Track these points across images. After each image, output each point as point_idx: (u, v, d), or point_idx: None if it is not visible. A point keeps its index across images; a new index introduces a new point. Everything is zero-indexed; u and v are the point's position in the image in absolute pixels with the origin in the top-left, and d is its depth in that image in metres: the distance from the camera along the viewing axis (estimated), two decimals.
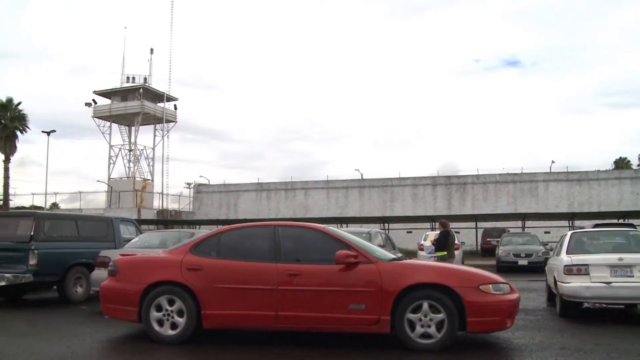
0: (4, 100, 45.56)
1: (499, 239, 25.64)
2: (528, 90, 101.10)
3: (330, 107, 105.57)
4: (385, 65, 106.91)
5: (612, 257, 8.64)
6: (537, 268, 19.74)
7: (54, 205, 53.55)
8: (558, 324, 8.56)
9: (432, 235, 15.77)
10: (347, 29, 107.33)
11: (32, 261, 10.83)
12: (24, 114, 46.20)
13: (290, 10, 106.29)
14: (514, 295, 6.77)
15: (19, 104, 46.04)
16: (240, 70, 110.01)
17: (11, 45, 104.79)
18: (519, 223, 34.05)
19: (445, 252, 14.16)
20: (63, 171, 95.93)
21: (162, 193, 53.09)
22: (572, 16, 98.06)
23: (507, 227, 34.21)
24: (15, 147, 46.34)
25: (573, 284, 8.58)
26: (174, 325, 6.95)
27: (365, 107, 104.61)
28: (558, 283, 9.00)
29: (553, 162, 44.76)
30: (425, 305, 6.41)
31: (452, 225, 33.45)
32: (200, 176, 58.50)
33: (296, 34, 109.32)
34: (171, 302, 6.96)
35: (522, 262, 20.88)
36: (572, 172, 43.59)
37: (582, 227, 13.26)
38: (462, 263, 18.77)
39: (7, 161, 46.27)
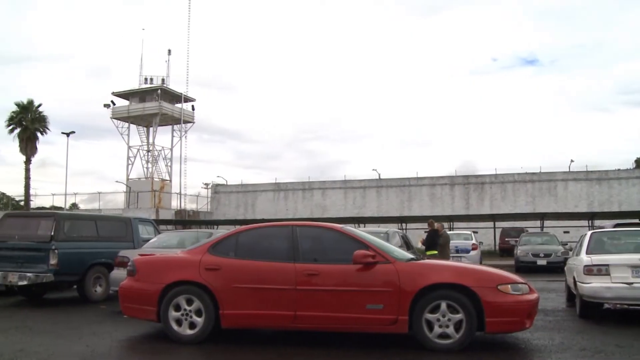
0: (24, 102, 46.10)
1: (517, 239, 25.43)
2: (546, 88, 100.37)
3: (348, 107, 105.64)
4: (402, 64, 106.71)
5: (634, 257, 8.51)
6: (556, 268, 19.53)
7: (74, 206, 54.12)
8: (578, 325, 8.46)
9: (424, 235, 15.82)
10: (364, 28, 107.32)
11: (53, 261, 10.95)
12: (44, 116, 46.73)
13: (307, 10, 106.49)
14: (533, 296, 6.71)
15: (39, 105, 46.61)
16: (257, 71, 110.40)
17: (30, 48, 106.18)
18: (538, 223, 33.73)
19: (436, 252, 14.11)
20: (82, 172, 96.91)
21: (180, 193, 53.52)
22: (591, 13, 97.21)
23: (525, 226, 33.94)
24: (36, 148, 46.87)
25: (593, 285, 8.47)
26: (192, 325, 6.99)
27: (382, 107, 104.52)
28: (578, 283, 8.90)
29: (572, 161, 44.41)
30: (444, 305, 6.39)
31: (471, 225, 33.67)
32: (218, 176, 58.95)
33: (313, 34, 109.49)
34: (189, 302, 7.00)
35: (541, 262, 20.69)
36: (591, 171, 43.16)
37: (603, 227, 13.10)
38: (480, 263, 18.67)
39: (28, 162, 46.76)
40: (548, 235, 24.04)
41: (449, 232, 19.93)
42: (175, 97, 54.89)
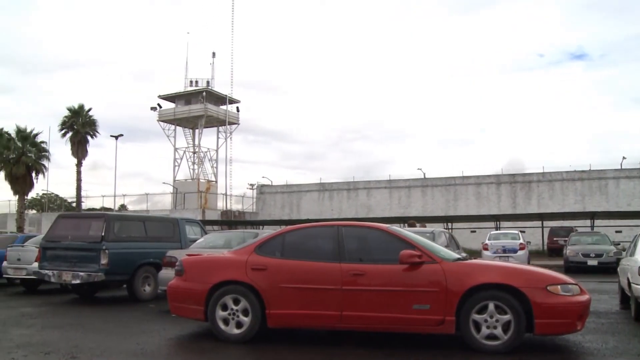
0: (75, 106, 47.31)
1: (566, 239, 24.83)
2: (596, 83, 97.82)
3: (392, 106, 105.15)
4: (447, 62, 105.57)
5: None
6: (608, 269, 19.08)
7: (123, 207, 55.32)
8: (633, 328, 8.18)
9: None
10: (407, 27, 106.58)
11: (104, 260, 11.24)
12: (94, 120, 47.80)
13: (350, 10, 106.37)
14: (584, 297, 6.54)
15: (89, 110, 47.69)
16: (301, 71, 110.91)
17: (80, 54, 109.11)
18: (588, 222, 32.81)
19: None
20: (131, 174, 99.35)
21: (225, 194, 54.06)
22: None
23: (575, 226, 33.12)
24: (87, 151, 47.97)
25: None
26: (239, 324, 7.06)
27: (427, 106, 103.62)
28: (633, 285, 8.62)
29: (624, 158, 42.91)
30: (491, 306, 6.29)
31: (518, 224, 32.92)
32: (263, 177, 59.50)
33: (357, 34, 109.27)
34: (236, 302, 7.07)
35: (592, 262, 20.15)
36: None
37: None
38: (528, 263, 18.33)
39: (79, 165, 47.94)
40: (599, 234, 23.39)
41: (496, 232, 19.63)
42: (220, 99, 55.54)
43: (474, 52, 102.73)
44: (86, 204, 53.70)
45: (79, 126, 46.62)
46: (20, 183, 43.59)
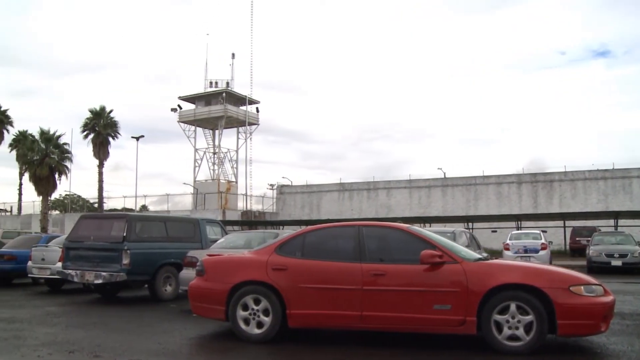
0: (97, 108, 47.91)
1: (589, 239, 24.52)
2: (619, 80, 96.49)
3: (412, 106, 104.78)
4: (469, 61, 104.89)
5: None
6: (632, 269, 18.84)
7: (144, 207, 55.78)
8: None
9: None
10: (428, 26, 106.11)
11: (125, 261, 11.35)
12: (115, 121, 48.42)
13: (369, 10, 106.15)
14: (609, 298, 6.45)
15: (110, 111, 48.34)
16: (320, 71, 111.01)
17: (101, 57, 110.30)
18: (611, 222, 32.35)
19: None
20: (151, 174, 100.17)
21: (246, 194, 54.31)
22: None
23: (598, 225, 32.68)
24: (108, 152, 48.62)
25: None
26: (259, 324, 7.08)
27: (447, 105, 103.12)
28: None
29: None
30: (513, 306, 6.23)
31: (539, 224, 32.57)
32: (283, 177, 59.56)
33: (376, 34, 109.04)
34: (257, 302, 7.09)
35: (616, 262, 19.86)
36: None
37: None
38: (550, 263, 18.15)
39: (100, 166, 48.57)
40: (623, 234, 23.04)
41: (517, 232, 19.43)
42: (240, 100, 55.79)
43: (495, 50, 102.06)
44: (108, 205, 54.34)
45: (101, 128, 47.19)
46: (44, 184, 44.19)
